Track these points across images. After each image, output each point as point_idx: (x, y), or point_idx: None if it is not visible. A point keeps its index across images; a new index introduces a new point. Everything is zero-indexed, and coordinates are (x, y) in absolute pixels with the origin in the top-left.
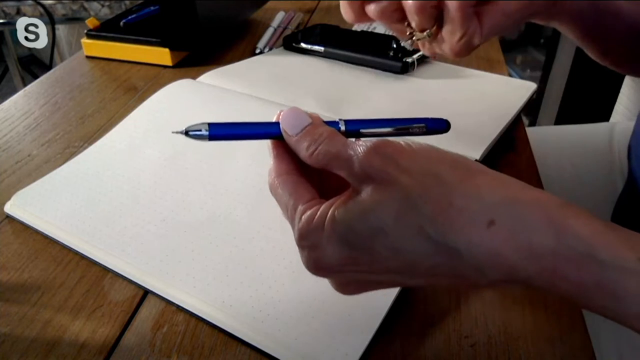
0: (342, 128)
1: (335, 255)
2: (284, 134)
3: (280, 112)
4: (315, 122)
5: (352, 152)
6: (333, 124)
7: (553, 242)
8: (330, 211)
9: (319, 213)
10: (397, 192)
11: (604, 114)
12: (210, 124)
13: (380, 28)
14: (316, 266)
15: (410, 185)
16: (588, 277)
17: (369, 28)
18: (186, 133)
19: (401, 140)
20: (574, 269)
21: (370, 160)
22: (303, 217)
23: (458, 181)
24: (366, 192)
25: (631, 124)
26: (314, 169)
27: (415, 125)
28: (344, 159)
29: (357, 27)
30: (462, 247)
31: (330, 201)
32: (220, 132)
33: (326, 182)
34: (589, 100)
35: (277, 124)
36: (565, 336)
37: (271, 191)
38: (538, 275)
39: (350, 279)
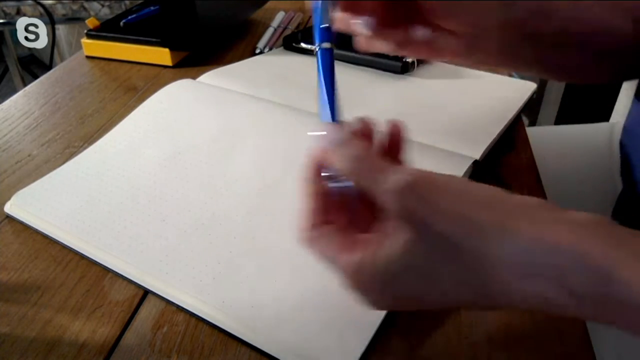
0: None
1: (382, 299)
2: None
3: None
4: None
5: (386, 187)
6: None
7: (598, 291)
8: (370, 261)
9: (359, 263)
10: (433, 239)
11: (604, 114)
12: None
13: None
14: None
15: (446, 232)
16: (633, 325)
17: None
18: None
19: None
20: (619, 316)
21: (405, 203)
22: (346, 269)
23: (494, 227)
24: (403, 237)
25: None
26: None
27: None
28: (378, 193)
29: None
30: (499, 296)
31: (370, 250)
32: None
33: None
34: (589, 100)
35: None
36: (565, 336)
37: (306, 246)
38: (577, 312)
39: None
